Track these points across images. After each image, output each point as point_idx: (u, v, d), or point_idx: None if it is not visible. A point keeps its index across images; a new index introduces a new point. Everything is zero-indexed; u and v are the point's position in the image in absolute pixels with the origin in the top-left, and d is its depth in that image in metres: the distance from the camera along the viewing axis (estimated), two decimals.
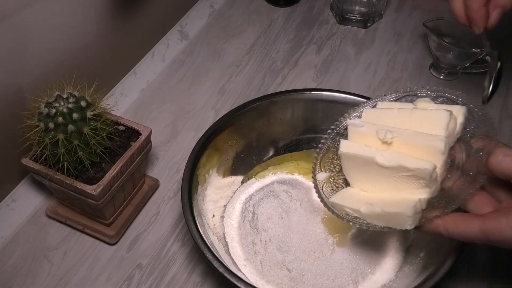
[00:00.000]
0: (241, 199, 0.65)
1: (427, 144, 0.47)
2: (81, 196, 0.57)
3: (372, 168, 0.49)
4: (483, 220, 0.44)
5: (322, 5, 0.95)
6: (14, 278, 0.60)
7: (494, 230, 0.43)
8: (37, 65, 0.63)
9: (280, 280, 0.56)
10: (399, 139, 0.49)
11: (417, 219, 0.47)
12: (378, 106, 0.54)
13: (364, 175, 0.51)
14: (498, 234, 0.43)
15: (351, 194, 0.52)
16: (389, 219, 0.48)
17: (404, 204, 0.46)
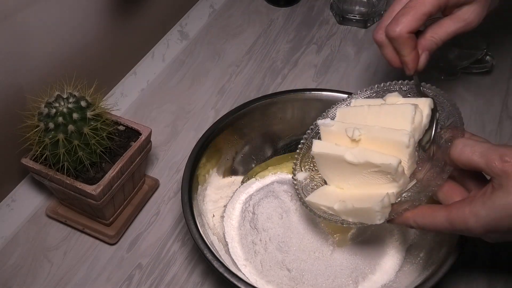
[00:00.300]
0: (241, 199, 0.65)
1: (392, 139, 0.49)
2: (81, 196, 0.57)
3: (343, 165, 0.51)
4: (448, 210, 0.45)
5: (322, 5, 0.95)
6: (14, 278, 0.60)
7: (459, 219, 0.44)
8: (37, 65, 0.63)
9: (280, 280, 0.56)
10: (367, 136, 0.51)
11: (386, 213, 0.48)
12: (352, 104, 0.56)
13: (338, 173, 0.53)
14: (463, 223, 0.43)
15: (327, 192, 0.54)
16: (360, 214, 0.49)
17: (373, 199, 0.48)
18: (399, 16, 0.52)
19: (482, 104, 0.79)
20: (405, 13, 0.52)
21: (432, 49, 0.54)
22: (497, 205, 0.41)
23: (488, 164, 0.42)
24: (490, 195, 0.42)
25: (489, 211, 0.42)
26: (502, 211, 0.41)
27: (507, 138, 0.75)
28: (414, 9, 0.51)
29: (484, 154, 0.43)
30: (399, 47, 0.53)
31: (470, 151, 0.44)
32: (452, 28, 0.54)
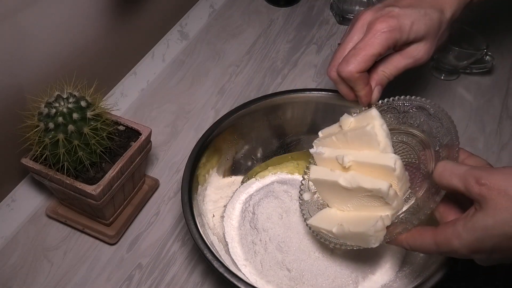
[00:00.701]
0: (241, 199, 0.65)
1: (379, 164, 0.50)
2: (81, 196, 0.57)
3: (340, 190, 0.53)
4: (434, 233, 0.45)
5: (322, 5, 0.95)
6: (14, 278, 0.60)
7: (444, 240, 0.44)
8: (37, 65, 0.63)
9: (280, 280, 0.56)
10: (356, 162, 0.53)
11: (380, 236, 0.49)
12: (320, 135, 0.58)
13: (336, 196, 0.54)
14: (447, 245, 0.44)
15: (327, 215, 0.55)
16: (356, 238, 0.50)
17: (367, 224, 0.49)
18: (349, 57, 0.54)
19: (482, 104, 0.79)
20: (355, 54, 0.54)
21: (384, 83, 0.57)
22: (477, 227, 0.41)
23: (466, 187, 0.43)
24: (471, 217, 0.42)
25: (470, 232, 0.42)
26: (482, 232, 0.41)
27: (507, 138, 0.75)
28: (363, 50, 0.53)
29: (462, 177, 0.43)
30: (352, 84, 0.56)
31: (449, 174, 0.44)
32: (402, 64, 0.56)
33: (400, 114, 0.55)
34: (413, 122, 0.54)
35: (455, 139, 0.49)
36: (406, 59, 0.55)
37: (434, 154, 0.51)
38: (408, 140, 0.55)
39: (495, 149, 0.74)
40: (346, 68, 0.54)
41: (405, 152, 0.55)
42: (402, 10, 0.53)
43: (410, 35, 0.53)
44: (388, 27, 0.52)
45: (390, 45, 0.53)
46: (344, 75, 0.54)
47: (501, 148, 0.74)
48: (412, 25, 0.53)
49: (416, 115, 0.54)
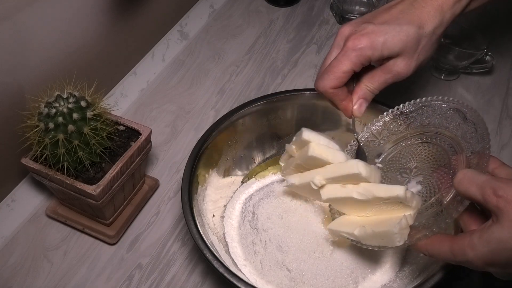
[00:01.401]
0: (241, 199, 0.65)
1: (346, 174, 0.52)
2: (81, 196, 0.57)
3: (356, 202, 0.53)
4: (451, 241, 0.45)
5: (322, 5, 0.95)
6: (14, 278, 0.60)
7: (459, 250, 0.44)
8: (37, 65, 0.63)
9: (280, 280, 0.56)
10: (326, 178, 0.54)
11: (405, 234, 0.49)
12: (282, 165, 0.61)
13: (354, 208, 0.54)
14: (462, 255, 0.43)
15: (347, 219, 0.56)
16: (380, 238, 0.50)
17: (391, 223, 0.49)
18: (323, 73, 0.55)
19: (482, 104, 0.79)
20: (327, 71, 0.55)
21: (368, 97, 0.57)
22: (492, 239, 0.41)
23: (484, 198, 0.42)
24: (488, 228, 0.42)
25: (485, 244, 0.42)
26: (496, 245, 0.41)
27: (507, 138, 0.75)
28: (334, 67, 0.54)
29: (481, 187, 0.43)
30: (329, 99, 0.57)
31: (468, 183, 0.44)
32: (382, 79, 0.56)
33: (436, 115, 0.55)
34: (449, 124, 0.54)
35: (487, 147, 0.48)
36: (386, 73, 0.55)
37: (465, 160, 0.50)
38: (441, 142, 0.54)
39: (495, 149, 0.74)
40: (321, 84, 0.55)
41: (437, 155, 0.55)
42: (376, 27, 0.53)
43: (383, 52, 0.53)
44: (359, 44, 0.53)
45: (362, 62, 0.54)
46: (320, 91, 0.56)
47: (501, 148, 0.74)
48: (385, 42, 0.53)
49: (452, 117, 0.53)
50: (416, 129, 0.56)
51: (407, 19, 0.54)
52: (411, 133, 0.57)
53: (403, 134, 0.57)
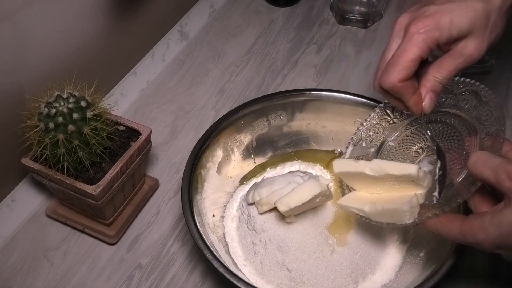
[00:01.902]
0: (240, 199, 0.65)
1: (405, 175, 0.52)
2: (81, 196, 0.57)
3: (367, 178, 0.53)
4: (462, 222, 0.45)
5: (322, 5, 0.95)
6: (14, 278, 0.60)
7: (469, 232, 0.44)
8: (37, 65, 0.63)
9: (280, 280, 0.56)
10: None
11: (415, 213, 0.49)
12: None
13: (365, 184, 0.55)
14: (472, 236, 0.44)
15: (358, 196, 0.56)
16: (390, 215, 0.51)
17: (402, 201, 0.50)
18: (388, 66, 0.50)
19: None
20: (394, 63, 0.50)
21: (437, 89, 0.51)
22: (503, 222, 0.41)
23: (497, 181, 0.42)
24: (500, 211, 0.42)
25: (496, 227, 0.42)
26: (508, 228, 0.41)
27: (507, 138, 0.75)
28: (401, 57, 0.49)
29: (494, 170, 0.43)
30: (397, 95, 0.52)
31: (481, 165, 0.44)
32: (453, 66, 0.51)
33: (452, 95, 0.54)
34: (464, 105, 0.53)
35: (502, 130, 0.48)
36: (455, 59, 0.50)
37: (479, 142, 0.50)
38: (455, 123, 0.54)
39: None
40: (387, 79, 0.50)
41: (450, 135, 0.54)
42: (439, 7, 0.49)
43: (451, 32, 0.49)
44: (424, 27, 0.48)
45: (430, 46, 0.49)
46: (386, 87, 0.50)
47: None
48: (452, 21, 0.48)
49: (468, 99, 0.52)
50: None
51: None
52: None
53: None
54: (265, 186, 0.60)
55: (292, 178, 0.60)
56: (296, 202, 0.56)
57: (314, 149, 0.69)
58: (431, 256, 0.54)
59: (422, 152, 0.56)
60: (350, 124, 0.65)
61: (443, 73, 0.50)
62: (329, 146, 0.69)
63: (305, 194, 0.56)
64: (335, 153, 0.68)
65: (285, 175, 0.62)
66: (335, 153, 0.68)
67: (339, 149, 0.68)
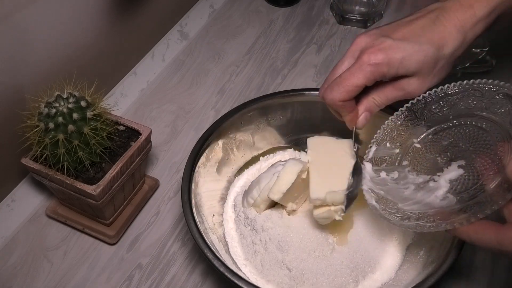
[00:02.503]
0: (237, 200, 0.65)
1: None
2: (81, 196, 0.57)
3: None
4: (498, 230, 0.44)
5: (322, 5, 0.95)
6: (14, 278, 0.60)
7: (506, 240, 0.43)
8: (37, 65, 0.63)
9: (280, 280, 0.56)
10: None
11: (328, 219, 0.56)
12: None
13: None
14: (509, 245, 0.43)
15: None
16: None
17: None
18: (334, 84, 0.53)
19: None
20: (339, 83, 0.53)
21: (373, 110, 0.56)
22: None
23: None
24: None
25: None
26: None
27: None
28: (347, 80, 0.52)
29: None
30: (336, 111, 0.55)
31: None
32: (393, 95, 0.54)
33: (484, 99, 0.52)
34: (497, 109, 0.51)
35: None
36: (397, 91, 0.53)
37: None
38: (487, 127, 0.52)
39: None
40: (330, 95, 0.54)
41: (481, 139, 0.52)
42: (394, 43, 0.51)
43: (399, 70, 0.51)
44: (375, 60, 0.51)
45: (376, 78, 0.52)
46: (327, 102, 0.55)
47: None
48: (402, 60, 0.51)
49: (501, 102, 0.51)
50: (460, 111, 0.54)
51: (428, 38, 0.51)
52: (454, 115, 0.55)
53: (446, 115, 0.55)
54: (253, 188, 0.61)
55: (275, 169, 0.61)
56: (286, 185, 0.56)
57: None
58: (431, 255, 0.54)
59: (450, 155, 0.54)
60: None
61: (382, 99, 0.54)
62: None
63: (290, 175, 0.57)
64: None
65: (268, 170, 0.63)
66: None
67: None
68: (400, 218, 0.52)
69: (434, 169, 0.54)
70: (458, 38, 0.52)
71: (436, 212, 0.50)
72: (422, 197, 0.53)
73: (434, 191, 0.52)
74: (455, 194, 0.50)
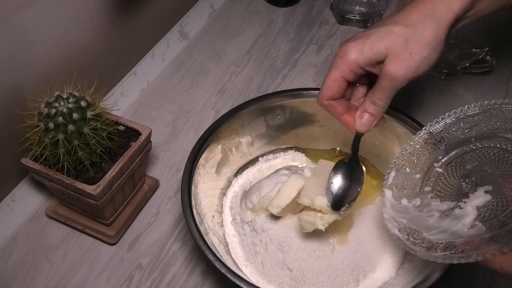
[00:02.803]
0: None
1: None
2: (81, 196, 0.57)
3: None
4: None
5: (322, 5, 0.95)
6: (14, 278, 0.60)
7: None
8: (37, 65, 0.63)
9: (281, 280, 0.56)
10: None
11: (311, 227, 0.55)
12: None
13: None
14: None
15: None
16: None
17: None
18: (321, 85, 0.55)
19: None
20: (323, 83, 0.55)
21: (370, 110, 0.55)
22: None
23: None
24: None
25: None
26: None
27: None
28: (326, 78, 0.54)
29: None
30: (329, 112, 0.56)
31: None
32: (380, 85, 0.53)
33: (507, 120, 0.51)
34: None
35: None
36: (382, 79, 0.52)
37: None
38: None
39: None
40: (318, 97, 0.55)
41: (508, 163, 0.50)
42: (363, 33, 0.53)
43: (368, 54, 0.52)
44: (343, 50, 0.53)
45: (350, 68, 0.53)
46: (319, 104, 0.56)
47: None
48: (369, 43, 0.52)
49: None
50: (482, 133, 0.52)
51: (393, 21, 0.52)
52: (476, 137, 0.53)
53: (467, 138, 0.53)
54: (254, 193, 0.61)
55: (278, 178, 0.61)
56: (286, 200, 0.56)
57: (313, 148, 0.69)
58: None
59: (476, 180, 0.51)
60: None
61: (375, 94, 0.54)
62: (327, 145, 0.69)
63: (291, 190, 0.57)
64: (335, 152, 0.69)
65: (271, 177, 0.62)
66: (335, 152, 0.69)
67: (338, 147, 0.69)
68: (426, 249, 0.48)
69: (458, 195, 0.51)
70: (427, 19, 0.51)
71: (465, 242, 0.47)
72: (448, 226, 0.49)
73: (460, 219, 0.49)
74: (484, 221, 0.47)
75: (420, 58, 0.51)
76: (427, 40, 0.51)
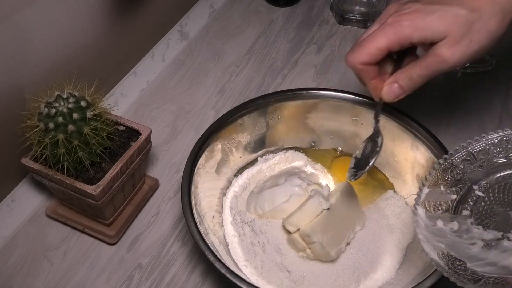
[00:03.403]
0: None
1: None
2: (81, 196, 0.57)
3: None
4: None
5: (322, 5, 0.95)
6: (14, 278, 0.60)
7: None
8: (37, 65, 0.63)
9: (280, 281, 0.56)
10: None
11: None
12: None
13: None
14: None
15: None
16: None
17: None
18: (356, 46, 0.52)
19: (482, 104, 0.79)
20: (361, 45, 0.51)
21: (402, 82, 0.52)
22: None
23: None
24: None
25: None
26: None
27: None
28: (369, 43, 0.50)
29: None
30: (358, 75, 0.53)
31: None
32: (424, 63, 0.50)
33: None
34: None
35: None
36: (428, 57, 0.50)
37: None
38: None
39: None
40: (350, 57, 0.52)
41: None
42: (422, 7, 0.49)
43: (425, 32, 0.48)
44: (398, 21, 0.49)
45: (400, 41, 0.50)
46: (348, 64, 0.52)
47: None
48: (429, 21, 0.48)
49: None
50: None
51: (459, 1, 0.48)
52: None
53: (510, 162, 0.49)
54: (266, 200, 0.60)
55: (292, 190, 0.60)
56: (304, 221, 0.56)
57: (313, 148, 0.69)
58: None
59: None
60: (347, 123, 0.66)
61: (414, 69, 0.51)
62: (327, 145, 0.69)
63: (311, 213, 0.56)
64: (336, 152, 0.69)
65: (284, 186, 0.61)
66: (336, 152, 0.69)
67: (339, 148, 0.69)
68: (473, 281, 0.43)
69: (506, 225, 0.47)
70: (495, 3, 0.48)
71: None
72: (496, 259, 0.45)
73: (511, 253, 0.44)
74: None
75: (479, 48, 0.49)
76: (491, 30, 0.48)
